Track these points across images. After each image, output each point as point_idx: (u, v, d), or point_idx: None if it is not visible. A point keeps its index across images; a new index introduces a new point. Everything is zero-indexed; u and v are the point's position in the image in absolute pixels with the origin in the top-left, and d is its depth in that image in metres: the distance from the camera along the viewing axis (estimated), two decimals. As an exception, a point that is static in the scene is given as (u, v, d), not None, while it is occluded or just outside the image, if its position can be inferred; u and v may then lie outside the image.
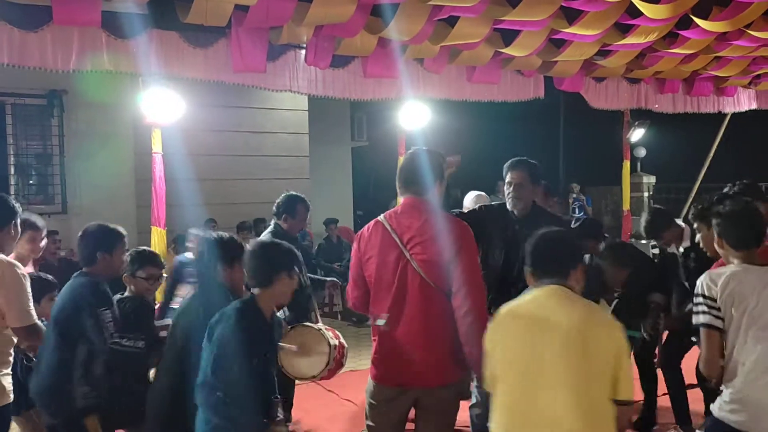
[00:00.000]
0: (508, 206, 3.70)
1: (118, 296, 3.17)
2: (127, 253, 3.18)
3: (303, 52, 5.51)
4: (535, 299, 2.28)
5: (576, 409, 2.10)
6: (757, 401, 2.46)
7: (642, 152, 12.87)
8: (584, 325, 2.16)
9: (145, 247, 3.50)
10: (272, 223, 4.35)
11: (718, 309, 2.52)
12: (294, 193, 4.34)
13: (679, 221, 4.52)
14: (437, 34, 5.18)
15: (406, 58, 5.83)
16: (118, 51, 4.67)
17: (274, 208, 4.31)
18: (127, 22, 4.63)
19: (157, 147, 5.22)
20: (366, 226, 2.94)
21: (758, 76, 7.65)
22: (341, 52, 5.47)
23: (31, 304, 2.87)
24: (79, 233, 3.11)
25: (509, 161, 3.77)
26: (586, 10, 4.79)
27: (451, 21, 5.02)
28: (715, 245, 2.74)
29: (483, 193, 5.12)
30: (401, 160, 2.98)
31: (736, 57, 6.41)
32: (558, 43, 5.76)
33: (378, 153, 13.28)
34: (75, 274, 3.07)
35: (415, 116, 6.92)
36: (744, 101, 8.52)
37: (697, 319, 2.58)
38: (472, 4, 4.46)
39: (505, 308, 2.34)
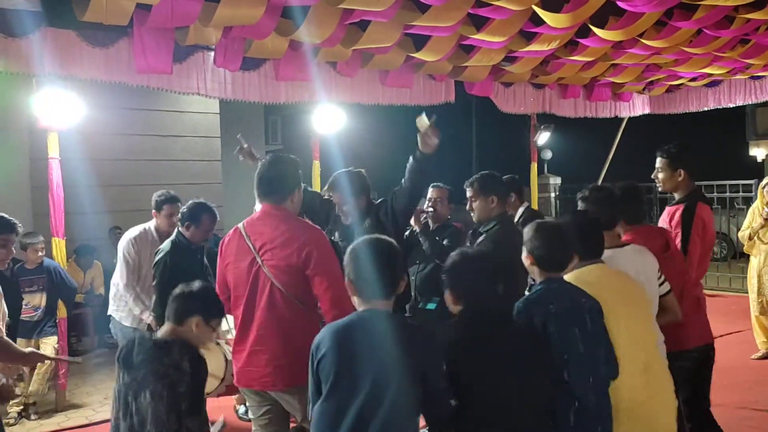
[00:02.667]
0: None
1: None
2: None
3: (212, 53, 5.37)
4: (607, 277, 2.62)
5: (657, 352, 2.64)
6: None
7: (548, 154, 13.42)
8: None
9: None
10: (175, 230, 4.18)
11: None
12: (203, 201, 4.17)
13: None
14: (349, 38, 5.18)
15: (319, 61, 5.80)
16: (8, 51, 4.36)
17: (178, 214, 4.15)
18: (18, 20, 4.33)
19: (53, 152, 4.93)
20: (228, 233, 3.01)
21: (651, 83, 8.17)
22: (252, 54, 5.37)
23: None
24: None
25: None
26: (492, 17, 4.93)
27: (363, 25, 5.04)
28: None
29: None
30: (260, 166, 2.94)
31: (631, 64, 6.81)
32: (467, 49, 5.90)
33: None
34: None
35: (329, 120, 6.90)
36: (638, 106, 9.08)
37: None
38: (383, 8, 4.48)
39: (603, 291, 2.51)
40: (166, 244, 4.06)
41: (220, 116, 9.55)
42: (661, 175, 3.56)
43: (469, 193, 3.64)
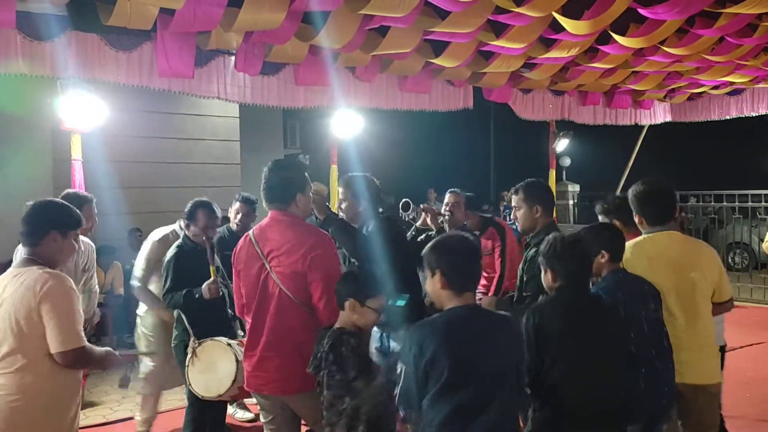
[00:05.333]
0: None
1: None
2: None
3: (233, 58, 5.42)
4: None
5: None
6: None
7: (567, 161, 13.35)
8: None
9: None
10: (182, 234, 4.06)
11: None
12: (200, 198, 4.05)
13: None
14: (368, 44, 5.21)
15: (338, 66, 5.84)
16: (34, 54, 4.44)
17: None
18: (44, 24, 4.42)
19: (76, 153, 5.01)
20: (240, 240, 3.03)
21: (672, 90, 8.10)
22: (272, 59, 5.41)
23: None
24: None
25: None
26: (512, 24, 4.93)
27: (382, 30, 5.06)
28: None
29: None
30: (264, 173, 2.95)
31: (652, 72, 6.76)
32: (486, 55, 5.90)
33: (311, 160, 13.23)
34: None
35: (347, 124, 6.93)
36: (659, 114, 9.00)
37: None
38: (403, 14, 4.50)
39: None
40: (171, 249, 3.93)
41: (239, 120, 9.63)
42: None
43: (513, 202, 3.54)
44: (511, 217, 3.63)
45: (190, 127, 9.14)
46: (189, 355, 3.40)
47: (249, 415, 4.79)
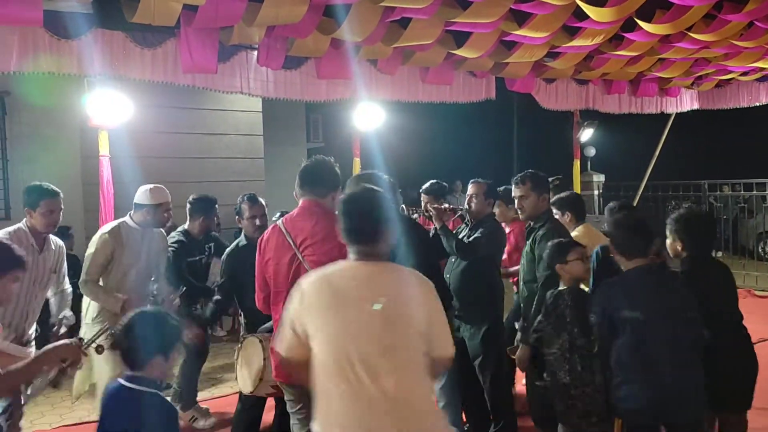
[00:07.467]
0: None
1: None
2: None
3: (255, 52, 5.46)
4: None
5: None
6: None
7: (592, 151, 13.18)
8: None
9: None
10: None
11: None
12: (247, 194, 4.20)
13: None
14: (390, 36, 5.20)
15: (360, 59, 5.84)
16: (61, 52, 4.53)
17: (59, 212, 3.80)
18: (71, 22, 4.50)
19: (104, 150, 5.10)
20: (267, 230, 3.05)
21: (700, 77, 7.94)
22: (294, 52, 5.44)
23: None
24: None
25: None
26: (535, 12, 4.88)
27: (404, 22, 5.05)
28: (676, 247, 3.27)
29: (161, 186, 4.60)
30: (304, 164, 3.04)
31: (678, 59, 6.64)
32: (509, 45, 5.85)
33: (333, 154, 13.24)
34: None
35: (369, 117, 6.93)
36: (686, 102, 8.84)
37: None
38: (424, 5, 4.49)
39: None
40: (235, 244, 4.22)
41: (262, 114, 9.68)
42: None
43: (520, 191, 3.70)
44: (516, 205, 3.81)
45: (214, 122, 9.22)
46: (237, 351, 3.39)
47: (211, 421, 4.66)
